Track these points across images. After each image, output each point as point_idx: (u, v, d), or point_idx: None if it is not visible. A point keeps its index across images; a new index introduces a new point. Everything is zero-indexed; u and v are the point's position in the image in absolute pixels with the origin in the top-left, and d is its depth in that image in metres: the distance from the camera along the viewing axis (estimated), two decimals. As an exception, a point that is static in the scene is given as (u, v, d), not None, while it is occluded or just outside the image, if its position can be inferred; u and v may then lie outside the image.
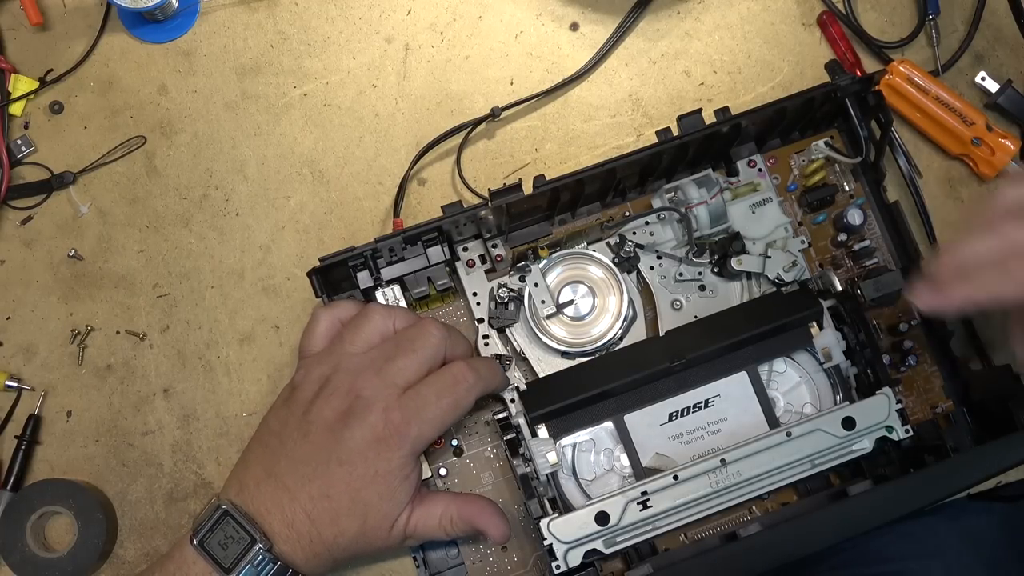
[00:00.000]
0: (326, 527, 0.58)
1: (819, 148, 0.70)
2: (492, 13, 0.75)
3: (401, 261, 0.66)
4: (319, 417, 0.59)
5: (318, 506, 0.58)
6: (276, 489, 0.58)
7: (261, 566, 0.57)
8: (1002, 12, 0.74)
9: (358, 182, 0.73)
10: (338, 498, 0.58)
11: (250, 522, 0.57)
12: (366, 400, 0.58)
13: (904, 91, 0.72)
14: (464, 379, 0.59)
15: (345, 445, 0.58)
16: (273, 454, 0.59)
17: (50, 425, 0.70)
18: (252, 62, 0.74)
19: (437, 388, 0.59)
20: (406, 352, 0.59)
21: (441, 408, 0.59)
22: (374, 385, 0.58)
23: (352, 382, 0.59)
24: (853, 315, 0.65)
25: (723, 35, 0.75)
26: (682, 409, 0.66)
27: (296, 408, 0.60)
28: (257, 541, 0.57)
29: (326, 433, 0.58)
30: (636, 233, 0.69)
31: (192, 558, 0.58)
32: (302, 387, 0.60)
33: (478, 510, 0.62)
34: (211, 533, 0.58)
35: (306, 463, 0.58)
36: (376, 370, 0.59)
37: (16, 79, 0.72)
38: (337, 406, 0.59)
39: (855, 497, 0.62)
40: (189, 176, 0.73)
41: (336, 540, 0.59)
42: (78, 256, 0.72)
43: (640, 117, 0.74)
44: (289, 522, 0.58)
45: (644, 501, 0.62)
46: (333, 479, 0.58)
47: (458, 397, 0.59)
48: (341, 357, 0.60)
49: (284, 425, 0.60)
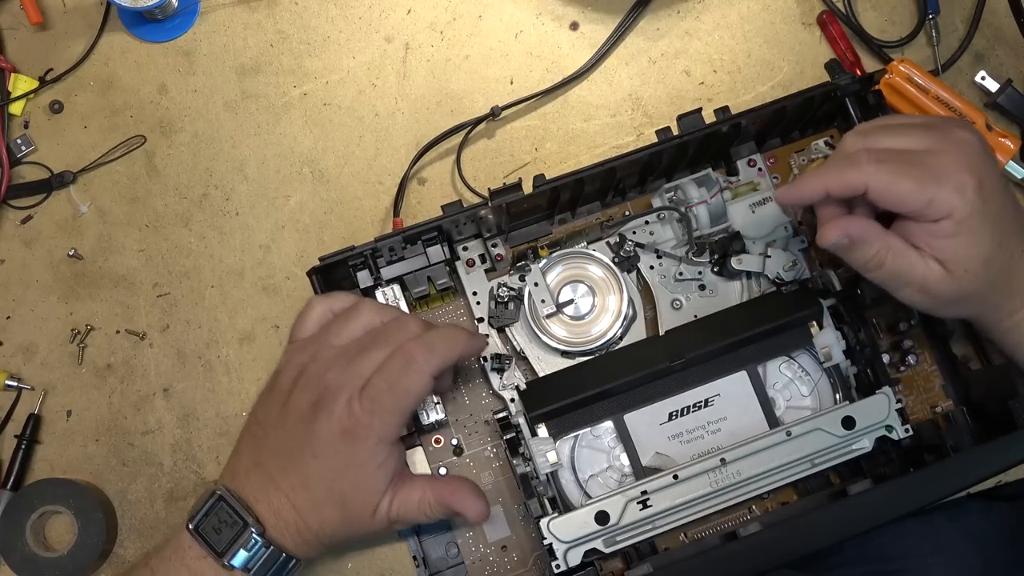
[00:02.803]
0: (309, 516, 0.59)
1: (819, 147, 0.70)
2: (492, 12, 0.75)
3: (401, 260, 0.66)
4: (295, 407, 0.59)
5: (299, 496, 0.59)
6: (262, 478, 0.59)
7: (254, 550, 0.58)
8: (1002, 12, 0.74)
9: (358, 181, 0.73)
10: (315, 489, 0.59)
11: (243, 507, 0.58)
12: (333, 391, 0.58)
13: (904, 90, 0.72)
14: (413, 360, 0.58)
15: (316, 437, 0.58)
16: (259, 443, 0.60)
17: (50, 424, 0.70)
18: (252, 61, 0.74)
19: (389, 375, 0.58)
20: (380, 345, 0.59)
21: (396, 396, 0.58)
22: (342, 376, 0.59)
23: (323, 372, 0.59)
24: (853, 314, 0.65)
25: (723, 34, 0.75)
26: (682, 408, 0.66)
27: (278, 397, 0.60)
28: (249, 525, 0.58)
29: (300, 424, 0.59)
30: (636, 232, 0.69)
31: (188, 543, 0.59)
32: (283, 374, 0.61)
33: (451, 492, 0.62)
34: (206, 518, 0.58)
35: (285, 454, 0.59)
36: (347, 361, 0.59)
37: (16, 78, 0.72)
38: (309, 396, 0.59)
39: (855, 496, 0.62)
40: (189, 175, 0.73)
41: (321, 528, 0.59)
42: (78, 255, 0.72)
43: (640, 116, 0.74)
44: (276, 510, 0.59)
45: (644, 500, 0.62)
46: (309, 471, 0.59)
47: (410, 381, 0.58)
48: (321, 347, 0.60)
49: (268, 414, 0.61)
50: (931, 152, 0.58)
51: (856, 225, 0.59)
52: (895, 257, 0.58)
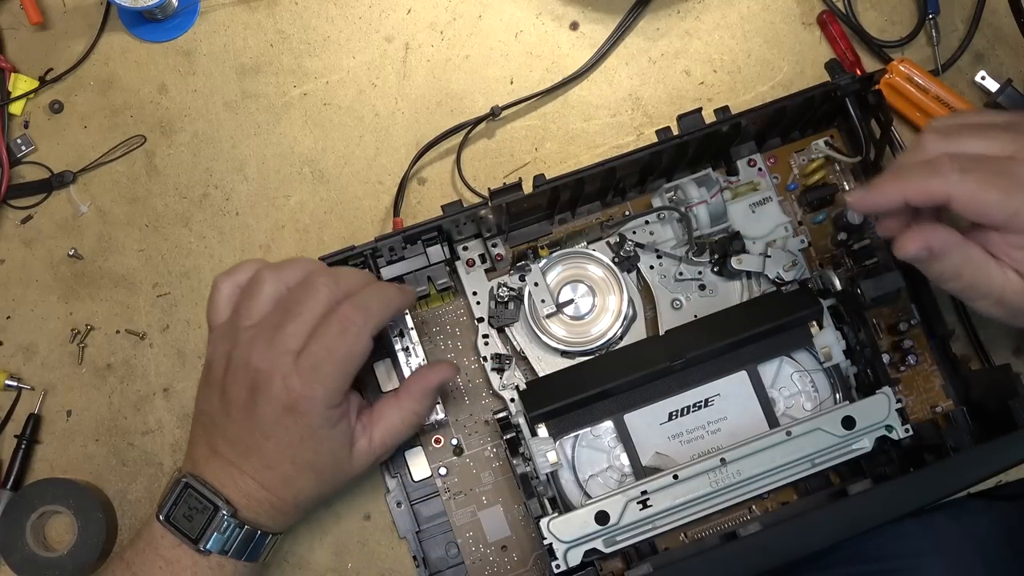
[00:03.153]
0: (282, 491, 0.59)
1: (819, 147, 0.70)
2: (492, 12, 0.75)
3: (401, 260, 0.66)
4: (234, 397, 0.59)
5: (265, 475, 0.59)
6: (224, 464, 0.59)
7: (228, 531, 0.58)
8: (1002, 11, 0.74)
9: (358, 181, 0.73)
10: (279, 466, 0.59)
11: (212, 491, 0.58)
12: (265, 374, 0.58)
13: (904, 90, 0.72)
14: (351, 323, 0.58)
15: (262, 421, 0.58)
16: (211, 433, 0.60)
17: (50, 424, 0.70)
18: (252, 61, 0.74)
19: (326, 343, 0.58)
20: (294, 316, 0.58)
21: (336, 360, 0.58)
22: (268, 357, 0.58)
23: (248, 357, 0.58)
24: (853, 314, 0.65)
25: (723, 34, 0.75)
26: (682, 408, 0.66)
27: (215, 387, 0.60)
28: (220, 508, 0.58)
29: (243, 412, 0.59)
30: (636, 232, 0.69)
31: (160, 533, 0.59)
32: (213, 365, 0.61)
33: (419, 381, 0.63)
34: (175, 507, 0.58)
35: (238, 441, 0.59)
36: (268, 340, 0.58)
37: (16, 78, 0.72)
38: (243, 384, 0.59)
39: (855, 496, 0.62)
40: (189, 175, 0.73)
41: (297, 498, 0.60)
42: (78, 255, 0.72)
43: (640, 116, 0.74)
44: (245, 492, 0.59)
45: (644, 500, 0.62)
46: (266, 452, 0.59)
47: (349, 344, 0.58)
48: (238, 331, 0.60)
49: (210, 404, 0.60)
50: (1016, 160, 0.55)
51: (937, 236, 0.56)
52: (974, 269, 0.56)
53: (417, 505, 0.68)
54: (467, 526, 0.68)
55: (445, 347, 0.69)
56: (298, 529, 0.69)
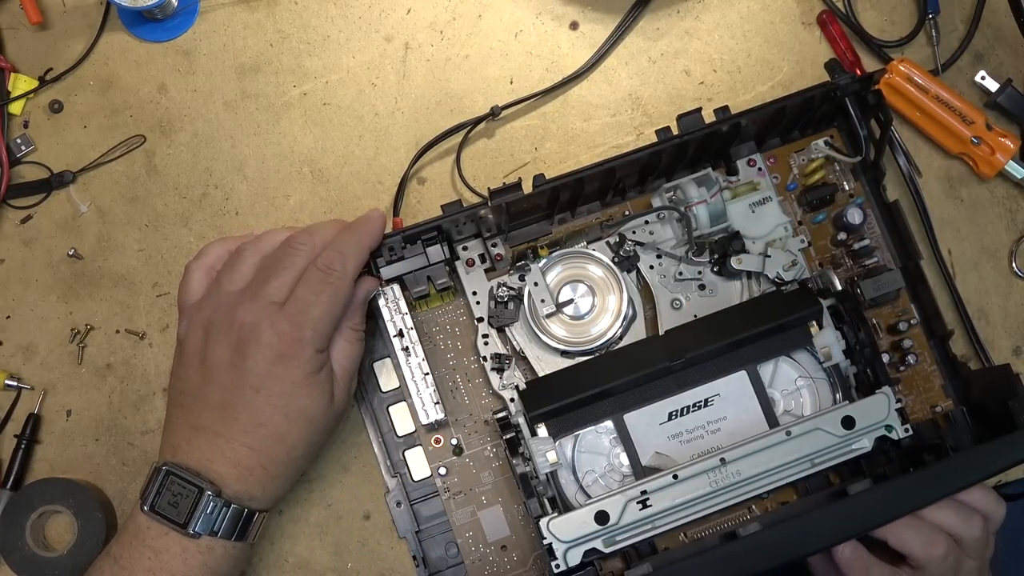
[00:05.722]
0: (274, 449, 0.60)
1: (819, 147, 0.70)
2: (492, 12, 0.75)
3: (401, 260, 0.66)
4: (217, 360, 0.60)
5: (256, 436, 0.59)
6: (209, 439, 0.59)
7: (215, 512, 0.58)
8: (1002, 11, 0.74)
9: (358, 181, 0.73)
10: (271, 422, 0.59)
11: (193, 474, 0.58)
12: (252, 324, 0.59)
13: (904, 90, 0.72)
14: (332, 267, 0.60)
15: (252, 373, 0.59)
16: (191, 411, 0.60)
17: (50, 424, 0.70)
18: (252, 61, 0.74)
19: (312, 287, 0.60)
20: (276, 272, 0.61)
21: (323, 302, 0.60)
22: (254, 309, 0.59)
23: (232, 316, 0.60)
24: (853, 314, 0.65)
25: (723, 34, 0.75)
26: (682, 408, 0.66)
27: (192, 360, 0.61)
28: (205, 490, 0.58)
29: (229, 371, 0.59)
30: (636, 232, 0.69)
31: (146, 524, 0.59)
32: (189, 338, 0.61)
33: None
34: (159, 496, 0.59)
35: (224, 406, 0.59)
36: (252, 296, 0.60)
37: (16, 78, 0.72)
38: (227, 342, 0.59)
39: (855, 496, 0.62)
40: (189, 175, 0.73)
41: (290, 454, 0.60)
42: (78, 255, 0.72)
43: (640, 116, 0.74)
44: (234, 462, 0.59)
45: (644, 500, 0.62)
46: (256, 408, 0.59)
47: (335, 286, 0.60)
48: (220, 297, 0.61)
49: (188, 381, 0.61)
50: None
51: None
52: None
53: (417, 505, 0.68)
54: (467, 526, 0.68)
55: (445, 347, 0.69)
56: (298, 529, 0.69)
